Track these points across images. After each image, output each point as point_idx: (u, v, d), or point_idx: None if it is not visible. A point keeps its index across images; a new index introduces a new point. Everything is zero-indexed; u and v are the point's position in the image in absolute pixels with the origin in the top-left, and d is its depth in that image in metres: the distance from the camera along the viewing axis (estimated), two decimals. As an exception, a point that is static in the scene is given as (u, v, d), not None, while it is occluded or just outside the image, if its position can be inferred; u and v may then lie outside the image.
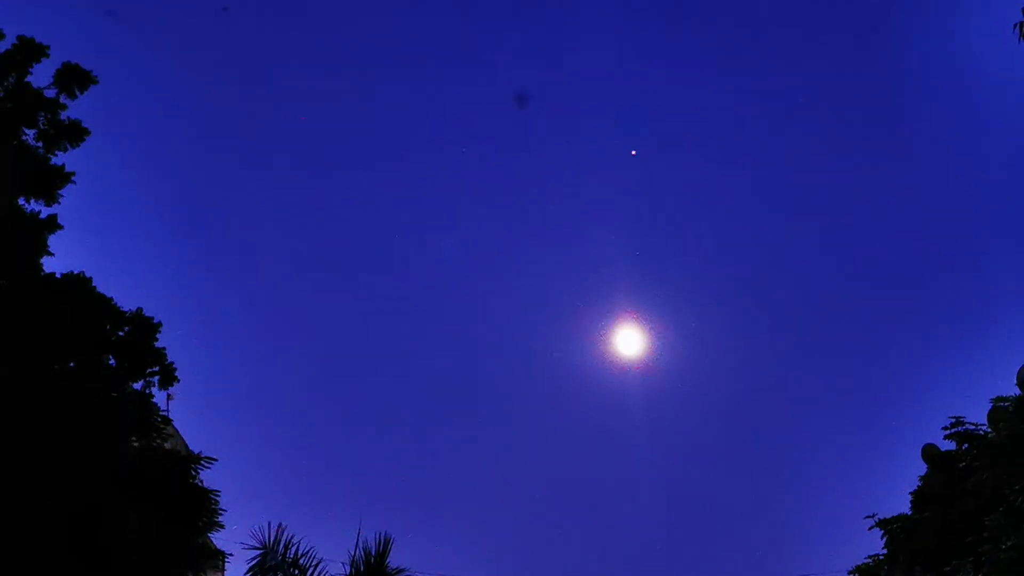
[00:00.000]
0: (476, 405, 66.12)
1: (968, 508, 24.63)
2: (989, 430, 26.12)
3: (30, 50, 19.55)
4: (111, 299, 19.68)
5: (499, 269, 65.57)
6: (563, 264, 64.44)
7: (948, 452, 27.21)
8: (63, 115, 19.83)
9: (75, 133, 19.88)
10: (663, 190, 64.12)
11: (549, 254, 64.93)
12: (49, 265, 19.40)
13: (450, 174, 64.11)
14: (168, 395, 21.05)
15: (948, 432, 26.91)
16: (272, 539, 19.77)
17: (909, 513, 27.47)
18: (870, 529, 27.91)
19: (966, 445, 26.61)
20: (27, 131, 19.69)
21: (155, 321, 20.02)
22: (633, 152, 58.18)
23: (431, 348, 65.62)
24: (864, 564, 28.42)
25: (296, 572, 19.58)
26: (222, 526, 20.20)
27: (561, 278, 63.88)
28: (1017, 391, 24.86)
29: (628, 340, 52.64)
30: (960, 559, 23.90)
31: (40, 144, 19.75)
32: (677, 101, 63.40)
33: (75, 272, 19.38)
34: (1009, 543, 22.43)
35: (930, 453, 28.14)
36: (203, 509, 19.63)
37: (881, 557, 27.98)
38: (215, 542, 22.22)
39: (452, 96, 63.47)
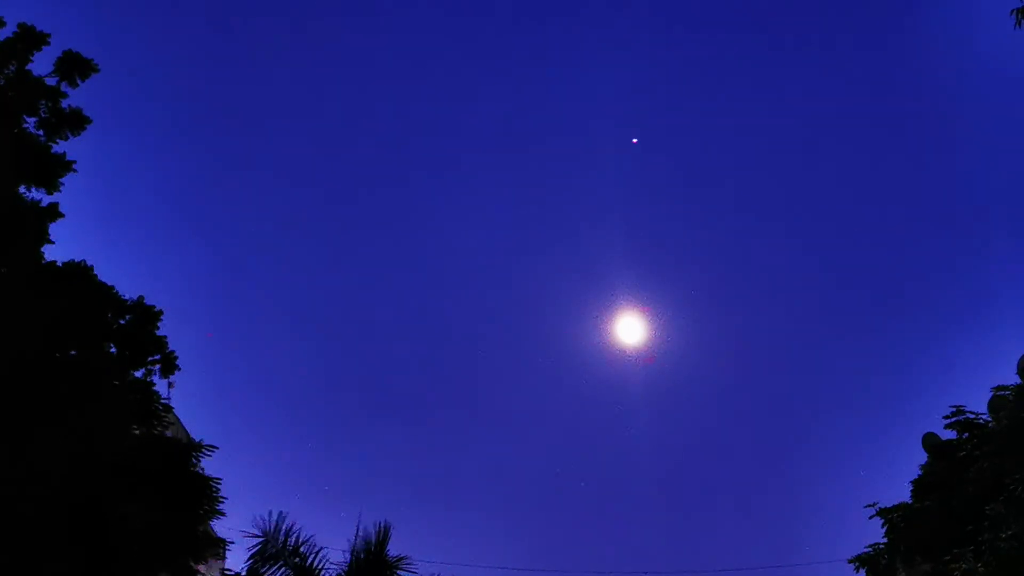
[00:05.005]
0: (479, 392, 66.16)
1: (968, 497, 24.65)
2: (990, 419, 26.13)
3: (31, 38, 19.51)
4: (112, 287, 19.68)
5: (503, 259, 65.50)
6: (567, 253, 64.39)
7: (949, 441, 27.18)
8: (64, 103, 19.80)
9: (76, 121, 19.85)
10: (665, 181, 64.07)
11: (553, 244, 64.89)
12: (50, 253, 19.42)
13: (453, 165, 64.05)
14: (169, 383, 21.03)
15: (949, 421, 26.87)
16: (273, 527, 19.88)
17: (910, 502, 27.44)
18: (871, 518, 27.91)
19: (967, 434, 26.59)
20: (28, 119, 19.67)
21: (156, 309, 20.03)
22: (634, 140, 58.08)
23: (435, 336, 65.61)
24: (864, 553, 28.34)
25: (297, 560, 19.65)
26: (223, 514, 20.23)
27: (565, 267, 63.86)
28: (1018, 380, 24.88)
29: (630, 328, 52.70)
30: (961, 548, 23.93)
31: (41, 132, 19.72)
32: (680, 95, 63.31)
33: (76, 260, 19.39)
34: (1009, 532, 22.46)
35: (931, 442, 28.13)
36: (204, 497, 19.65)
37: (881, 546, 27.94)
38: (216, 530, 22.24)
39: (457, 91, 63.39)
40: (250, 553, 20.19)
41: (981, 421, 26.43)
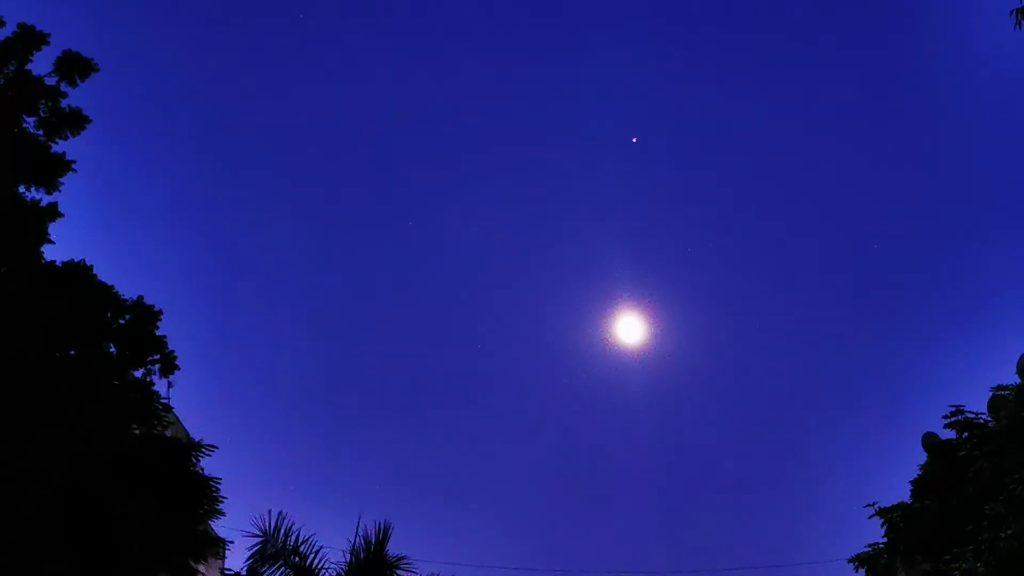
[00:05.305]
0: (479, 391, 66.21)
1: (968, 497, 24.66)
2: (989, 419, 26.14)
3: (30, 38, 19.51)
4: (112, 287, 19.69)
5: (503, 258, 65.53)
6: (567, 252, 64.42)
7: (948, 441, 27.18)
8: (64, 103, 19.79)
9: (76, 121, 19.84)
10: (665, 180, 64.14)
11: (553, 243, 64.95)
12: (50, 253, 19.43)
13: (453, 164, 64.11)
14: (169, 383, 21.03)
15: (948, 421, 26.86)
16: (273, 527, 19.88)
17: (909, 502, 27.43)
18: (870, 518, 27.88)
19: (966, 434, 26.59)
20: (27, 119, 19.67)
21: (156, 309, 20.04)
22: (634, 139, 58.15)
23: (435, 335, 65.65)
24: (864, 553, 28.33)
25: (296, 559, 19.66)
26: (223, 514, 20.25)
27: (565, 266, 63.93)
28: (1018, 380, 24.88)
29: (630, 328, 52.79)
30: (960, 547, 23.94)
31: (40, 132, 19.72)
32: (681, 95, 63.34)
33: (76, 260, 19.39)
34: (1009, 531, 22.48)
35: (930, 442, 28.13)
36: (204, 497, 19.66)
37: (881, 546, 27.93)
38: (216, 530, 22.27)
39: (457, 89, 63.44)
40: (250, 553, 20.19)
41: (981, 421, 26.44)
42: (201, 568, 20.83)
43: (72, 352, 19.00)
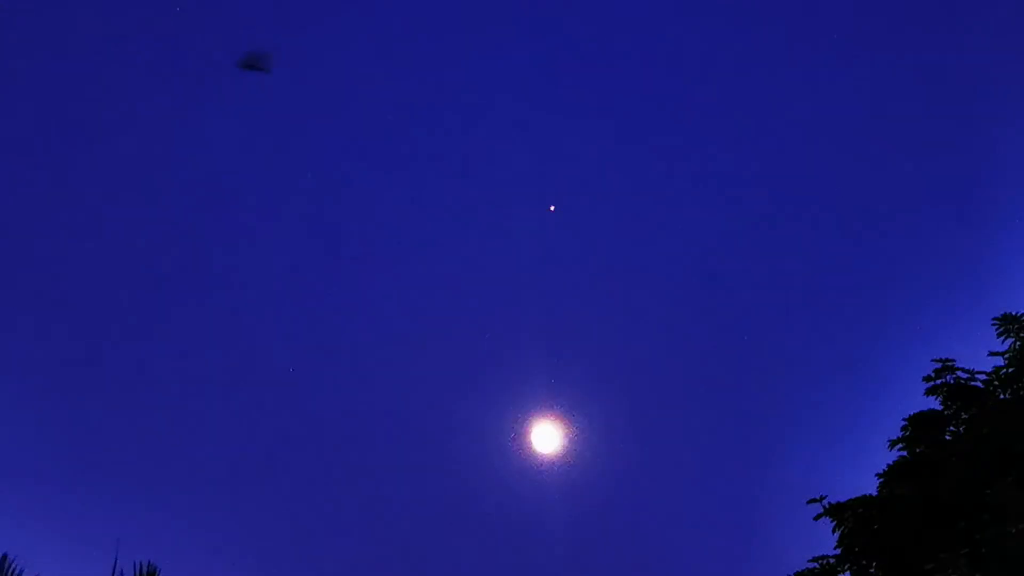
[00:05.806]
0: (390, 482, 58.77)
1: (960, 480, 16.99)
2: (985, 380, 18.70)
3: None
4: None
5: (424, 357, 58.65)
6: (487, 363, 57.32)
7: (932, 412, 19.27)
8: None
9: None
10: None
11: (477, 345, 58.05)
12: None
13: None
14: None
15: (931, 384, 19.20)
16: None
17: (875, 494, 19.23)
18: (816, 519, 19.55)
19: (957, 403, 18.95)
20: None
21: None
22: (551, 207, 51.47)
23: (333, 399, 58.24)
24: (808, 570, 19.97)
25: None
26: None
27: (483, 379, 56.85)
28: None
29: (546, 436, 46.44)
30: (949, 551, 16.23)
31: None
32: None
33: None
34: (1022, 526, 15.03)
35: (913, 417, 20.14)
36: None
37: (832, 560, 19.53)
38: None
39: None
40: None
41: (976, 385, 18.93)
42: None
43: None
